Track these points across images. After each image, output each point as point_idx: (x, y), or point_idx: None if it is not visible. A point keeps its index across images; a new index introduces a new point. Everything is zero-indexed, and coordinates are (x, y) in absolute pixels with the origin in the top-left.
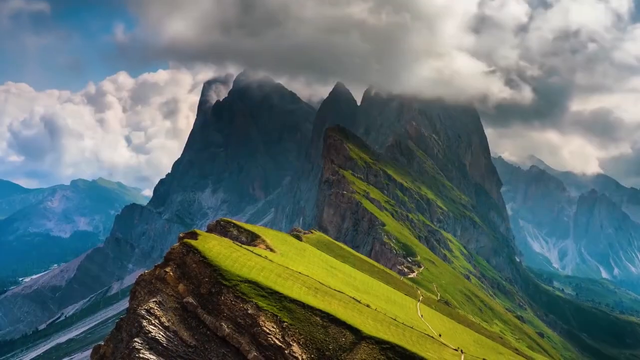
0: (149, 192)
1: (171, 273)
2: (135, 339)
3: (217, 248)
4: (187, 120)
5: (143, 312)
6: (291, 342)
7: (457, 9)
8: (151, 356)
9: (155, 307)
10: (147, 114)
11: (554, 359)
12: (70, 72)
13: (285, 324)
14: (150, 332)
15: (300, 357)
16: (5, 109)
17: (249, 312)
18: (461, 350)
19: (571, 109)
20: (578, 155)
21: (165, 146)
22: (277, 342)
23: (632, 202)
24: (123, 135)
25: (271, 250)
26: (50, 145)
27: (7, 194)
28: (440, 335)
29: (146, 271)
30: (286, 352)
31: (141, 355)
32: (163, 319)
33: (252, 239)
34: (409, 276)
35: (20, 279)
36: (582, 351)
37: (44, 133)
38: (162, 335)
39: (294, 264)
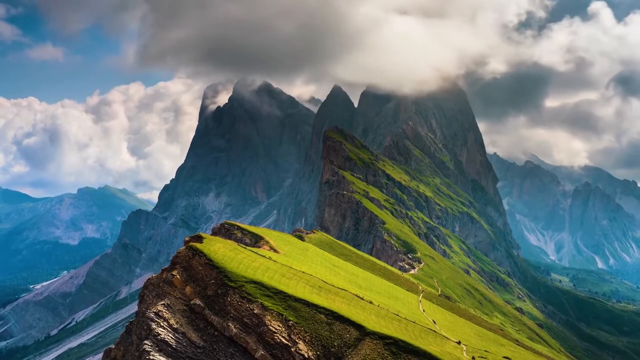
0: (154, 198)
1: (178, 276)
2: (145, 342)
3: (222, 250)
4: (190, 125)
5: (152, 315)
6: (297, 340)
7: None
8: (161, 358)
9: (164, 310)
10: (151, 121)
11: (553, 349)
12: (76, 83)
13: (291, 322)
14: (159, 334)
15: (306, 354)
16: (14, 122)
17: (255, 312)
18: (463, 344)
19: (552, 104)
20: (567, 149)
21: (169, 152)
22: (283, 340)
23: (625, 194)
24: (127, 142)
25: (275, 251)
26: (56, 155)
27: (16, 203)
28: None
29: (153, 275)
30: (292, 349)
31: (151, 357)
32: (171, 321)
33: (255, 241)
34: (410, 272)
35: (31, 286)
36: (581, 340)
37: (50, 142)
38: (171, 337)
39: (297, 263)
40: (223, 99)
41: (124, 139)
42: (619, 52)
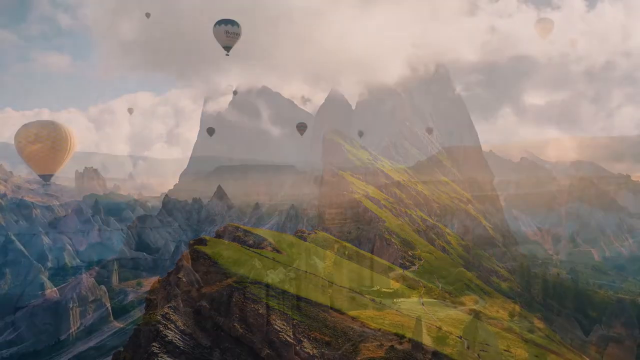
0: (158, 202)
1: (184, 279)
2: (153, 344)
3: (226, 252)
4: (191, 130)
5: (159, 317)
6: (302, 339)
7: None
8: (169, 359)
9: (171, 312)
10: (154, 126)
11: (554, 341)
12: (81, 90)
13: (295, 321)
14: (167, 336)
15: (310, 352)
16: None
17: (260, 312)
18: (464, 339)
19: (537, 100)
20: (558, 144)
21: (172, 157)
22: (288, 339)
23: (619, 187)
24: (130, 148)
25: (277, 251)
26: (59, 161)
27: (22, 209)
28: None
29: (160, 278)
30: (297, 348)
31: (159, 358)
32: (178, 323)
33: (259, 242)
34: (411, 269)
35: (40, 292)
36: (580, 332)
37: (53, 148)
38: (179, 339)
39: (299, 264)
40: (223, 103)
41: (128, 144)
42: (596, 42)
